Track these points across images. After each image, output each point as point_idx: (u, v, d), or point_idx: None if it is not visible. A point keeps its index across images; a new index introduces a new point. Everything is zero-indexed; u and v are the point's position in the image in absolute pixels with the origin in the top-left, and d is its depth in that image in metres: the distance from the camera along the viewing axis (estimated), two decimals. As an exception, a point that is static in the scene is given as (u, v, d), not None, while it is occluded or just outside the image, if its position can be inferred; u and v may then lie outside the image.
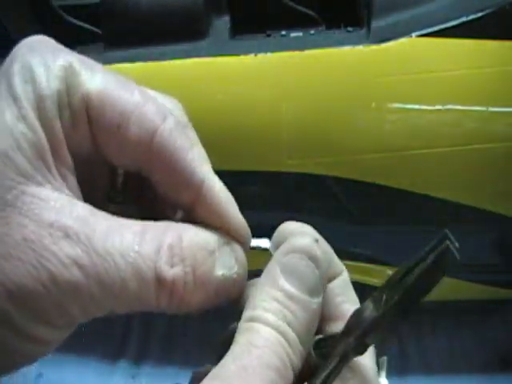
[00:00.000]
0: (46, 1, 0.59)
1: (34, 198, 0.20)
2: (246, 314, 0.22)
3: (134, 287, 0.21)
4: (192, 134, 0.24)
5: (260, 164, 0.51)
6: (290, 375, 0.21)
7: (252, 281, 0.25)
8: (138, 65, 0.52)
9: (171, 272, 0.21)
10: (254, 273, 0.25)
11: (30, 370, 0.71)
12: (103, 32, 0.56)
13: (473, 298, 0.70)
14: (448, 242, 0.21)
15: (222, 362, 0.21)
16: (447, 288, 0.65)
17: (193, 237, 0.22)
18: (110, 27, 0.54)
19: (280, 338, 0.21)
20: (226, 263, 0.23)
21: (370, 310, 0.21)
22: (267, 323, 0.21)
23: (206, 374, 0.21)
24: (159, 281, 0.21)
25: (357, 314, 0.22)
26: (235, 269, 0.23)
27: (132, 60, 0.52)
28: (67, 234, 0.20)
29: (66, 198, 0.21)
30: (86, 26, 0.60)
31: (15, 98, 0.21)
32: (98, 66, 0.23)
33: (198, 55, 0.51)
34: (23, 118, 0.20)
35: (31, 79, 0.21)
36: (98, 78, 0.22)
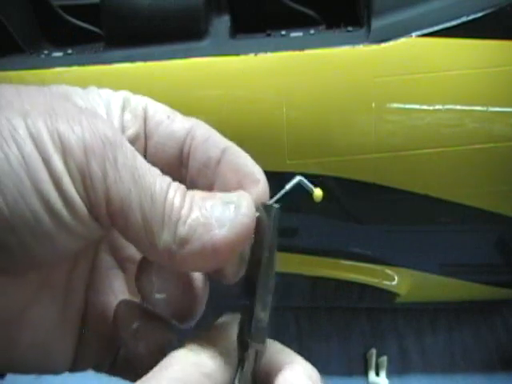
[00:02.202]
0: (45, 1, 0.59)
1: None
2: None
3: None
4: None
5: (260, 164, 0.51)
6: None
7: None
8: (138, 65, 0.52)
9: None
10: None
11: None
12: (103, 32, 0.56)
13: (473, 298, 0.70)
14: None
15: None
16: (447, 288, 0.65)
17: None
18: (110, 27, 0.54)
19: None
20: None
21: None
22: None
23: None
24: None
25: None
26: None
27: (132, 60, 0.52)
28: None
29: None
30: (86, 25, 0.60)
31: None
32: None
33: (198, 55, 0.51)
34: None
35: None
36: None
